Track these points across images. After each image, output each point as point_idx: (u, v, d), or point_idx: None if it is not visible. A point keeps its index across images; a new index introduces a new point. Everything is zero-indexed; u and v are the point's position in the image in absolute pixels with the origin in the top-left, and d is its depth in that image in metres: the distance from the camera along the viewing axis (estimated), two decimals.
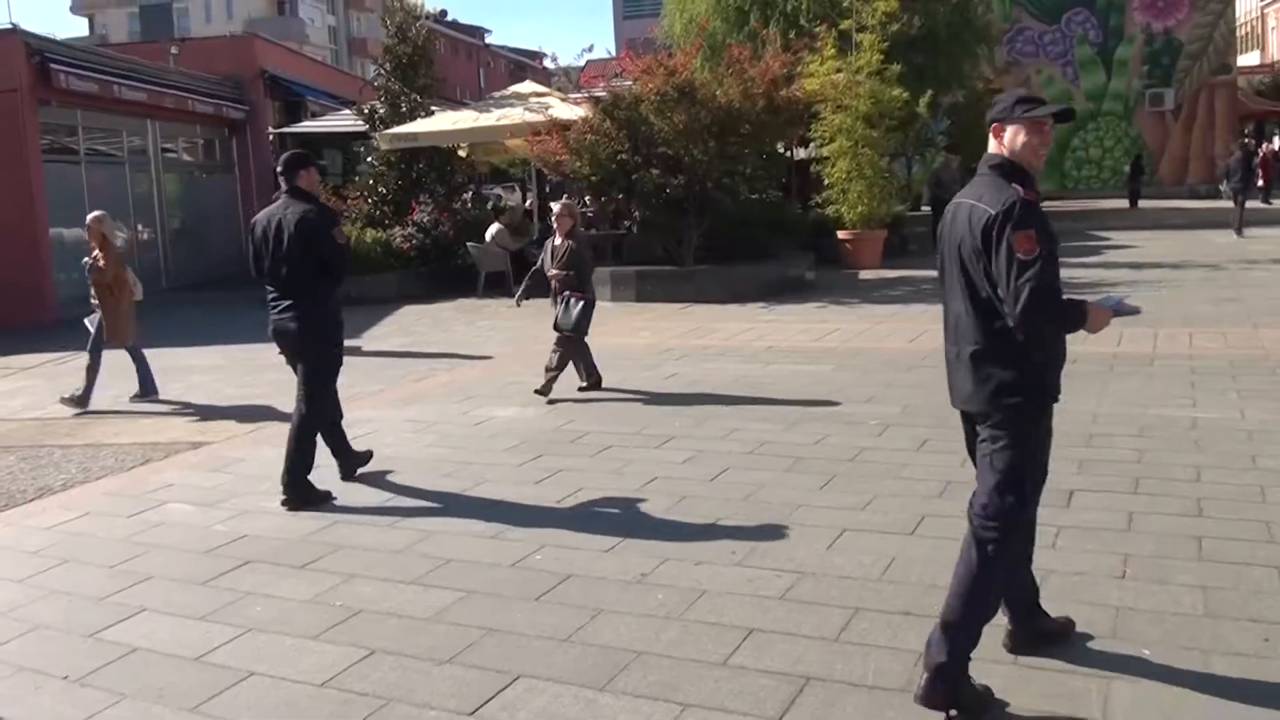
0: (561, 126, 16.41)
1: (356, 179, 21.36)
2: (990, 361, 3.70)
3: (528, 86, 22.40)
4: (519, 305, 10.54)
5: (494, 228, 18.25)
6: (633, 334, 12.76)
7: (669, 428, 7.95)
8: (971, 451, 3.98)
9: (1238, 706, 3.72)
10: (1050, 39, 40.96)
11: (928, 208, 24.56)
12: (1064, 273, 3.54)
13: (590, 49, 46.97)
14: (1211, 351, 9.98)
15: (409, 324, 15.07)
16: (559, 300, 9.40)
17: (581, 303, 9.33)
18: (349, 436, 7.13)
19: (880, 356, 10.52)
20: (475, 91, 60.44)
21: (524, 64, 78.58)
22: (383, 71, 21.29)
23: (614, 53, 22.35)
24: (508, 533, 5.78)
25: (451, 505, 6.36)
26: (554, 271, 9.46)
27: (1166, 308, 12.88)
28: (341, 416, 7.10)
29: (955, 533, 5.39)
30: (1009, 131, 3.76)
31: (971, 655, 3.71)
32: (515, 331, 13.52)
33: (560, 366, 9.30)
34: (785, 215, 19.60)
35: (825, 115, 18.83)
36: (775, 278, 16.41)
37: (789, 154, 22.09)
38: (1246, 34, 62.11)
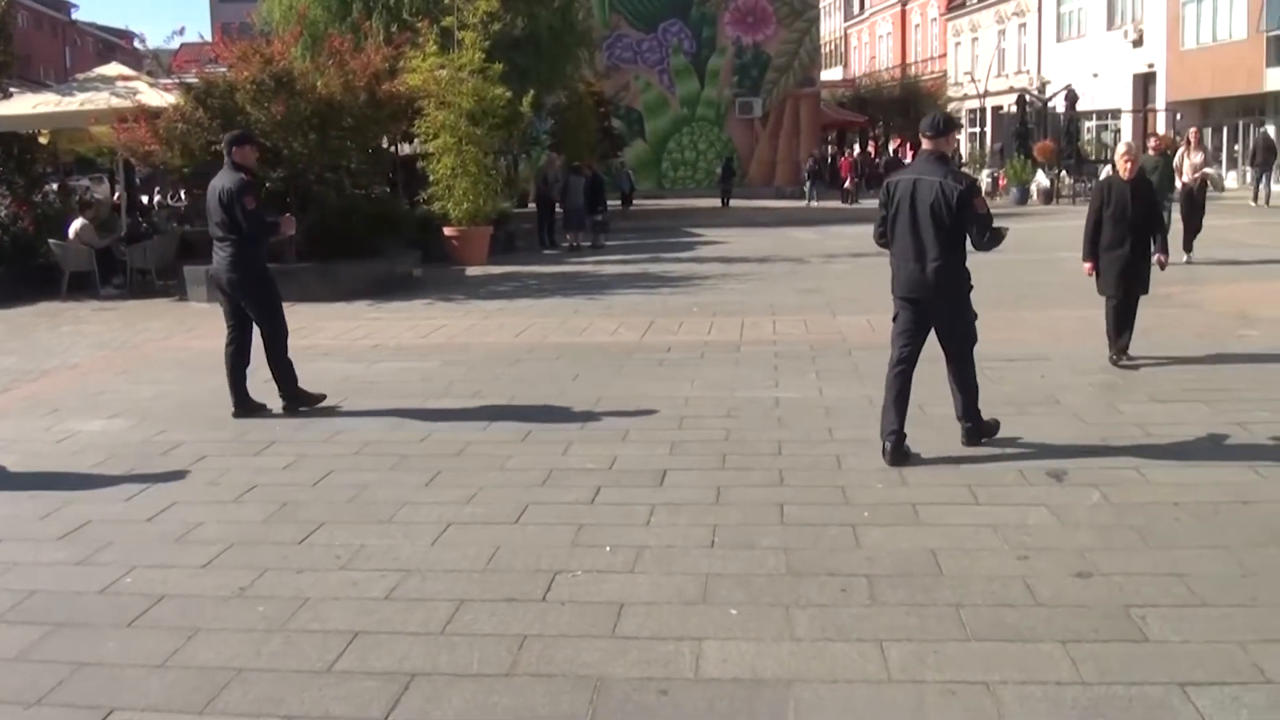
0: (151, 114, 15.37)
1: None
2: (956, 268, 6.32)
3: (114, 69, 20.68)
4: None
5: (78, 223, 16.72)
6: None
7: (269, 433, 7.64)
8: (918, 328, 6.42)
9: (815, 646, 4.10)
10: (648, 46, 43.09)
11: (534, 205, 25.04)
12: (658, 267, 3.77)
13: (182, 31, 44.00)
14: (794, 338, 10.79)
15: None
16: None
17: None
18: None
19: (486, 351, 10.62)
20: (61, 72, 55.63)
21: (113, 44, 72.85)
22: None
23: (208, 37, 21.16)
24: (96, 557, 5.32)
25: (33, 531, 5.77)
26: None
27: (753, 298, 13.87)
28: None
29: (559, 518, 5.59)
30: (949, 139, 6.80)
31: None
32: (103, 337, 12.50)
33: None
34: (391, 211, 19.29)
35: (429, 111, 18.75)
36: (382, 275, 16.14)
37: (394, 149, 21.85)
38: (830, 51, 68.46)
